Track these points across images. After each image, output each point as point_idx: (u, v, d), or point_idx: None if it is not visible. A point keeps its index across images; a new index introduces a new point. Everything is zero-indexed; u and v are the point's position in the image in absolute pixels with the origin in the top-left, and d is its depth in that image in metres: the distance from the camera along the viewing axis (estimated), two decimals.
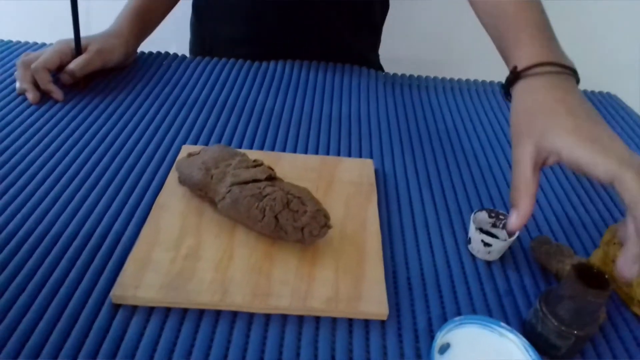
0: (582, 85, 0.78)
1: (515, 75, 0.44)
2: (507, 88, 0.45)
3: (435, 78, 0.76)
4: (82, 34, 0.62)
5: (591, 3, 1.13)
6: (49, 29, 0.73)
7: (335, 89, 0.70)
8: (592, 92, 0.78)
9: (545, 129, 0.38)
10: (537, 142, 0.38)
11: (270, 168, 0.43)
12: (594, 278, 0.35)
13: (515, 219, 0.38)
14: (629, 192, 0.33)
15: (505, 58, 0.47)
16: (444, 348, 0.36)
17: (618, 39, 1.17)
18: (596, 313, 0.35)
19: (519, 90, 0.43)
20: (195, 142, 0.56)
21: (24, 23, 1.15)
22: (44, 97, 0.61)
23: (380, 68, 0.87)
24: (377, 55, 0.89)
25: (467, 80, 0.76)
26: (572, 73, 0.43)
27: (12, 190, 0.46)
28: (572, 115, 0.38)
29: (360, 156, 0.57)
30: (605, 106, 0.74)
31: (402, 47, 1.08)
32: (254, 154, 0.50)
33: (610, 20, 1.15)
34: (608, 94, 0.78)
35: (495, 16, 0.49)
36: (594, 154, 0.35)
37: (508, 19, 0.47)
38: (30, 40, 0.74)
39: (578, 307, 0.34)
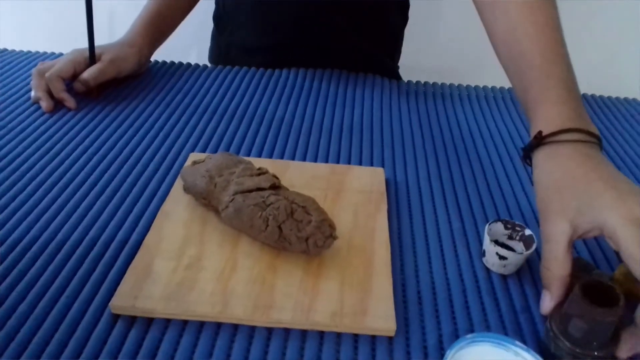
0: (607, 91, 0.75)
1: (539, 140, 0.40)
2: (528, 152, 0.42)
3: (451, 85, 0.74)
4: (106, 39, 0.62)
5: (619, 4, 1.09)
6: (66, 40, 0.74)
7: (347, 97, 0.68)
8: (617, 98, 0.75)
9: (582, 205, 0.35)
10: (573, 219, 0.35)
11: (274, 176, 0.42)
12: (605, 294, 0.32)
13: (549, 302, 0.36)
14: None
15: (527, 111, 0.44)
16: None
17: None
18: (611, 331, 0.32)
19: (544, 157, 0.40)
20: (204, 150, 0.55)
21: (41, 34, 1.18)
22: (58, 105, 0.61)
23: (398, 77, 0.85)
24: (396, 65, 0.87)
25: (485, 87, 0.74)
26: (597, 141, 0.40)
27: (21, 197, 0.47)
28: (611, 187, 0.35)
29: (372, 165, 0.55)
30: (630, 111, 0.70)
31: (422, 56, 1.07)
32: (261, 162, 0.49)
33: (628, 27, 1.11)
34: (634, 99, 0.74)
35: (519, 68, 0.45)
36: (635, 244, 0.32)
37: (534, 71, 0.44)
38: (48, 51, 0.76)
39: (589, 327, 0.32)
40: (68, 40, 0.83)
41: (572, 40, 0.46)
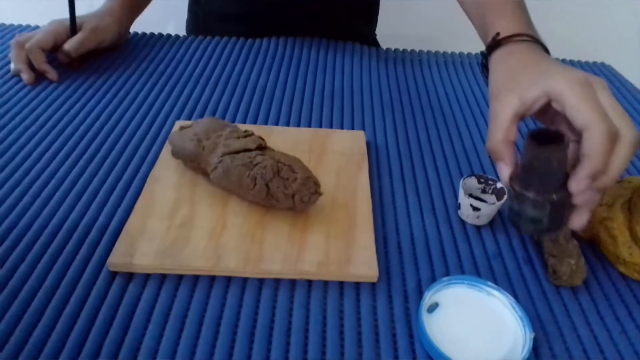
0: (577, 56, 0.78)
1: (497, 42, 0.45)
2: (487, 54, 0.46)
3: (428, 52, 0.76)
4: (85, 9, 0.62)
5: None
6: (43, 12, 0.73)
7: (328, 65, 0.70)
8: (587, 62, 0.78)
9: (532, 79, 0.39)
10: (522, 92, 0.38)
11: (260, 138, 0.44)
12: (552, 138, 0.34)
13: (506, 169, 0.38)
14: (593, 147, 0.34)
15: (485, 32, 0.48)
16: (433, 307, 0.37)
17: (613, 12, 1.16)
18: (563, 172, 0.35)
19: (500, 54, 0.44)
20: (189, 118, 0.57)
21: (19, 6, 1.15)
22: (39, 77, 0.61)
23: (376, 44, 0.87)
24: (374, 32, 0.88)
25: (461, 54, 0.76)
26: (545, 49, 0.45)
27: (9, 168, 0.47)
28: (558, 66, 0.39)
29: (353, 129, 0.57)
30: (599, 75, 0.74)
31: (399, 24, 1.08)
32: (246, 128, 0.50)
33: None
34: (602, 63, 0.78)
35: (480, 3, 0.51)
36: (580, 100, 0.35)
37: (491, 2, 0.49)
38: (23, 23, 0.75)
39: (542, 171, 0.34)
40: (44, 13, 0.81)
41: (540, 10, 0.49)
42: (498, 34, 0.45)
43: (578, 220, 0.37)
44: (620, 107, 0.36)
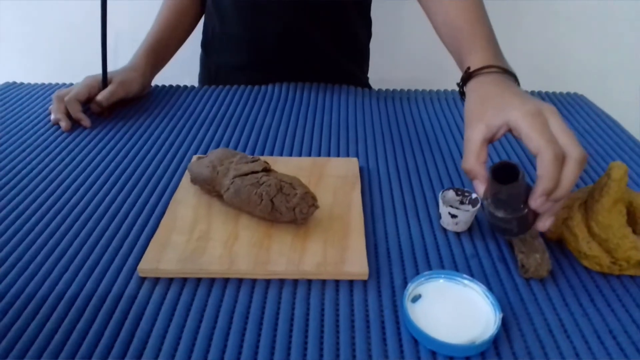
0: (551, 87, 0.86)
1: (469, 75, 0.53)
2: (462, 85, 0.53)
3: (416, 90, 0.85)
4: (110, 66, 0.72)
5: (559, 4, 1.22)
6: (78, 72, 0.85)
7: (326, 104, 0.79)
8: (561, 93, 0.86)
9: (496, 110, 0.46)
10: (487, 121, 0.46)
11: (265, 162, 0.51)
12: (510, 171, 0.42)
13: (480, 186, 0.45)
14: (544, 169, 0.41)
15: (461, 64, 0.57)
16: (416, 298, 0.43)
17: (582, 42, 1.26)
18: (523, 196, 0.42)
19: (472, 85, 0.52)
20: (204, 154, 0.65)
21: (56, 67, 1.30)
22: (75, 125, 0.71)
23: (368, 86, 0.96)
24: (366, 76, 0.98)
25: (445, 90, 0.85)
26: (513, 77, 0.53)
27: (54, 196, 0.55)
28: (519, 97, 0.47)
29: (348, 157, 0.65)
30: (573, 105, 0.81)
31: (389, 68, 1.19)
32: None
33: (575, 24, 1.24)
34: (575, 94, 0.85)
35: (453, 34, 0.60)
36: (531, 130, 0.42)
37: (464, 34, 0.58)
38: (59, 82, 0.86)
39: (505, 199, 0.42)
40: (70, 71, 0.93)
41: (512, 39, 0.59)
42: (469, 68, 0.53)
43: (542, 225, 0.44)
44: (567, 130, 0.43)
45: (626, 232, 0.44)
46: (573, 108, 0.80)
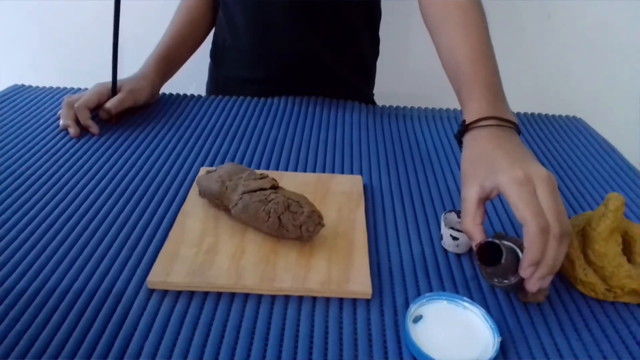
0: (550, 110, 0.88)
1: (464, 128, 0.53)
2: (459, 138, 0.54)
3: (419, 108, 0.87)
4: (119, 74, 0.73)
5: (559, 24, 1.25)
6: (87, 77, 0.86)
7: (331, 120, 0.80)
8: (560, 116, 0.88)
9: (487, 172, 0.46)
10: (481, 182, 0.46)
11: (273, 179, 0.52)
12: (495, 249, 0.43)
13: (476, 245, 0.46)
14: (529, 242, 0.41)
15: (461, 107, 0.57)
16: (417, 319, 0.44)
17: (583, 65, 1.29)
18: (514, 264, 0.43)
19: (467, 140, 0.52)
20: (211, 165, 0.66)
21: (65, 72, 1.32)
22: (83, 131, 0.72)
23: (373, 102, 0.98)
24: (371, 92, 1.00)
25: (448, 109, 0.86)
26: (512, 125, 0.51)
27: (63, 203, 0.56)
28: (507, 158, 0.46)
29: (352, 174, 0.66)
30: (571, 128, 0.83)
31: (395, 84, 1.20)
32: (260, 171, 0.60)
33: (575, 48, 1.27)
34: (574, 117, 0.87)
35: (454, 75, 0.59)
36: (518, 200, 0.42)
37: (464, 76, 0.57)
38: (68, 86, 0.86)
39: (495, 273, 0.44)
40: (80, 76, 0.94)
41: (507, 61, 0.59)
42: (464, 121, 0.53)
43: (532, 287, 0.43)
44: (554, 201, 0.42)
45: (621, 261, 0.46)
46: (571, 131, 0.82)
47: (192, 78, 0.99)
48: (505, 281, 0.44)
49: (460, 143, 0.55)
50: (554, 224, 0.41)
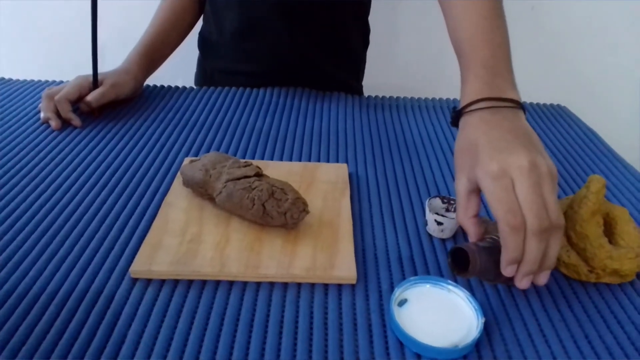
0: (538, 98, 0.89)
1: (457, 114, 0.51)
2: (455, 124, 0.52)
3: (404, 98, 0.87)
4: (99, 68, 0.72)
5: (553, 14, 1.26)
6: (68, 69, 0.84)
7: (317, 110, 0.80)
8: (544, 104, 0.88)
9: (471, 164, 0.45)
10: (467, 174, 0.45)
11: (258, 167, 0.52)
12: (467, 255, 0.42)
13: (471, 239, 0.45)
14: (502, 240, 0.40)
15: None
16: (402, 302, 0.44)
17: (568, 55, 1.30)
18: (493, 270, 0.42)
19: (460, 126, 0.50)
20: (196, 155, 0.66)
21: (46, 64, 1.30)
22: (65, 124, 0.71)
23: (361, 94, 0.98)
24: (360, 84, 0.99)
25: (433, 99, 0.87)
26: (512, 104, 0.47)
27: (45, 195, 0.56)
28: (490, 147, 0.43)
29: (337, 162, 0.66)
30: (555, 116, 0.84)
31: (383, 75, 1.20)
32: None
33: (559, 39, 1.28)
34: (558, 105, 0.88)
35: (457, 50, 0.55)
36: (491, 196, 0.41)
37: (463, 58, 0.53)
38: (49, 79, 0.85)
39: (473, 274, 0.42)
40: (60, 68, 0.93)
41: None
42: (455, 107, 0.51)
43: (519, 284, 0.42)
44: (532, 195, 0.39)
45: (602, 242, 0.46)
46: (555, 119, 0.83)
47: (179, 69, 0.98)
48: (491, 278, 0.44)
49: (455, 123, 0.52)
50: (532, 220, 0.39)
